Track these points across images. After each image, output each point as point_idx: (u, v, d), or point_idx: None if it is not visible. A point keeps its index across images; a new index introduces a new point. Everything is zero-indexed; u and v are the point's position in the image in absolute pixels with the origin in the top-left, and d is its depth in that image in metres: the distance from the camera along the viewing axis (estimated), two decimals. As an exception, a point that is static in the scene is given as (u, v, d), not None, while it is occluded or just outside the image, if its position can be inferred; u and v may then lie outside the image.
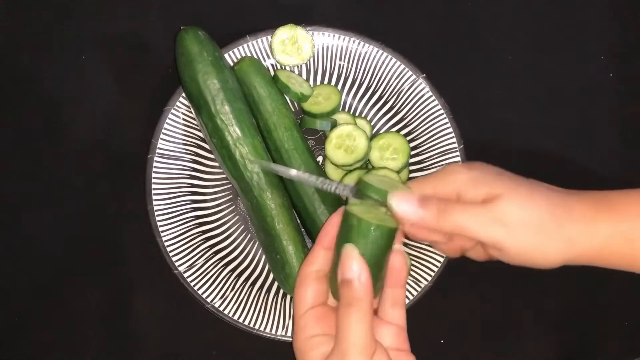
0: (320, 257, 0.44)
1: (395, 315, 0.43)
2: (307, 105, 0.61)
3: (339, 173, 0.61)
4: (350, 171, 0.60)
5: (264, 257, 0.61)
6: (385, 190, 0.42)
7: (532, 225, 0.41)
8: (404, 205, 0.42)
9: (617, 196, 0.43)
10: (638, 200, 0.42)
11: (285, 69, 0.62)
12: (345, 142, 0.59)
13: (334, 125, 0.61)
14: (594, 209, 0.41)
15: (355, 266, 0.40)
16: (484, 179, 0.42)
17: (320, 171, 0.60)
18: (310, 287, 0.43)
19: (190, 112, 0.60)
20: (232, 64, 0.61)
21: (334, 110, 0.61)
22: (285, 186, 0.59)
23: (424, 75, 0.61)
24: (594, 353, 0.62)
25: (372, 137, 0.62)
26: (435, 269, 0.58)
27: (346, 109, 0.63)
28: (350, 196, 0.45)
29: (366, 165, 0.61)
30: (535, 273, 0.61)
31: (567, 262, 0.42)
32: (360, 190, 0.43)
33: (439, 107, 0.60)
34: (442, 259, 0.58)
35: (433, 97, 0.61)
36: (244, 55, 0.61)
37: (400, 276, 0.43)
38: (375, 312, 0.43)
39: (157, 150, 0.59)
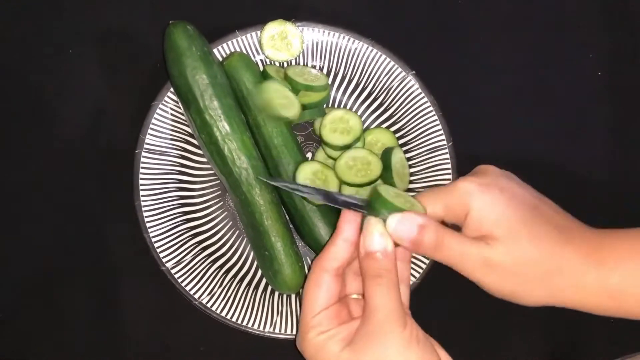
0: (341, 251, 0.42)
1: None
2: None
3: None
4: (361, 186, 0.58)
5: (252, 253, 0.61)
6: (396, 205, 0.41)
7: (520, 275, 0.40)
8: (402, 229, 0.40)
9: (611, 241, 0.42)
10: (631, 245, 0.41)
11: (274, 64, 0.62)
12: (339, 126, 0.59)
13: (323, 114, 0.60)
14: (584, 257, 0.41)
15: (382, 238, 0.40)
16: (492, 213, 0.41)
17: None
18: (327, 287, 0.42)
19: (179, 108, 0.60)
20: (221, 59, 0.60)
21: (323, 101, 0.61)
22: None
23: (414, 72, 0.61)
24: (582, 351, 0.63)
25: (361, 134, 0.62)
26: (424, 266, 0.58)
27: (335, 105, 0.63)
28: (358, 209, 0.43)
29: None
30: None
31: (550, 305, 0.42)
32: (372, 202, 0.42)
33: (429, 104, 0.61)
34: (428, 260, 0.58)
35: (422, 94, 0.61)
36: (233, 50, 0.61)
37: (406, 252, 0.44)
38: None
39: (145, 146, 0.58)
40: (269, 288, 0.60)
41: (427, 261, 0.58)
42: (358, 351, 0.39)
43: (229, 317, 0.57)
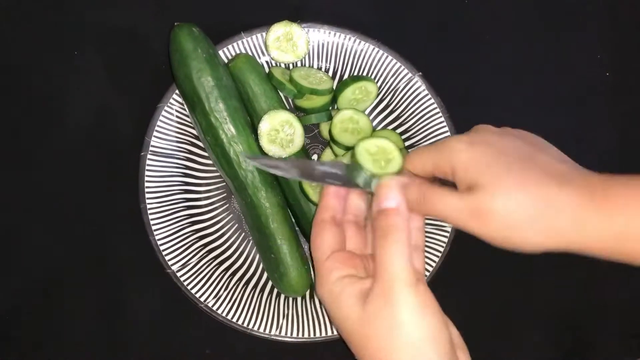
0: (331, 203, 0.45)
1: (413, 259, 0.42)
2: (299, 102, 0.61)
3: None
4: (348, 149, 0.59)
5: (257, 256, 0.60)
6: (374, 173, 0.44)
7: (511, 220, 0.39)
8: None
9: (617, 183, 0.40)
10: (638, 188, 0.39)
11: (280, 65, 0.62)
12: (349, 126, 0.58)
13: (330, 117, 0.60)
14: (586, 198, 0.39)
15: (394, 195, 0.42)
16: (477, 164, 0.41)
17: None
18: (330, 231, 0.44)
19: (184, 110, 0.59)
20: (226, 60, 0.60)
21: (326, 106, 0.61)
22: (280, 185, 0.58)
23: (420, 73, 0.60)
24: (591, 352, 0.62)
25: (367, 136, 0.61)
26: (431, 269, 0.58)
27: (341, 107, 0.63)
28: (342, 174, 0.46)
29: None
30: (533, 273, 0.61)
31: (552, 250, 0.41)
32: (352, 168, 0.45)
33: (435, 105, 0.60)
34: (437, 258, 0.58)
35: (429, 96, 0.60)
36: (238, 52, 0.61)
37: (420, 218, 0.44)
38: None
39: (150, 148, 0.58)
40: (275, 291, 0.59)
41: (436, 259, 0.58)
42: (370, 312, 0.39)
43: (234, 320, 0.57)
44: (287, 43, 0.61)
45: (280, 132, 0.57)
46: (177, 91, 0.59)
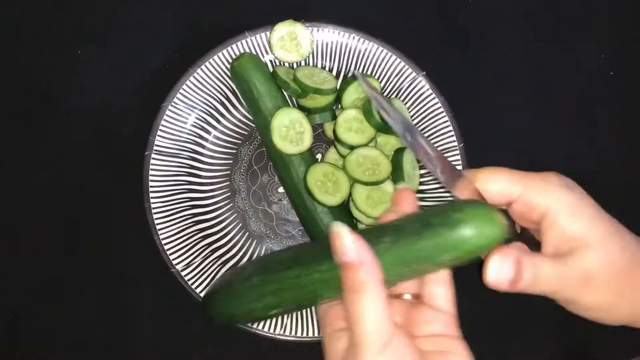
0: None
1: (439, 295, 0.39)
2: (303, 101, 0.61)
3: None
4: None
5: (262, 255, 0.60)
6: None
7: (617, 286, 0.36)
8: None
9: None
10: None
11: (284, 65, 0.62)
12: (353, 125, 0.58)
13: (334, 116, 0.60)
14: None
15: (350, 246, 0.35)
16: (583, 214, 0.36)
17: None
18: None
19: (188, 109, 0.59)
20: (230, 60, 0.60)
21: (330, 105, 0.61)
22: (286, 186, 0.59)
23: (424, 72, 0.60)
24: (591, 353, 0.62)
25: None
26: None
27: (345, 106, 0.63)
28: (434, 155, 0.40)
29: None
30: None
31: (631, 325, 0.38)
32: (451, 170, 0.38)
33: (439, 105, 0.60)
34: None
35: (433, 95, 0.60)
36: (242, 51, 0.61)
37: None
38: (417, 296, 0.40)
39: (155, 147, 0.58)
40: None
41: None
42: None
43: (239, 319, 0.57)
44: (290, 42, 0.61)
45: (290, 129, 0.57)
46: (181, 90, 0.59)
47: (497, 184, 0.38)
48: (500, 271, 0.35)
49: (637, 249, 0.37)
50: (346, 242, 0.35)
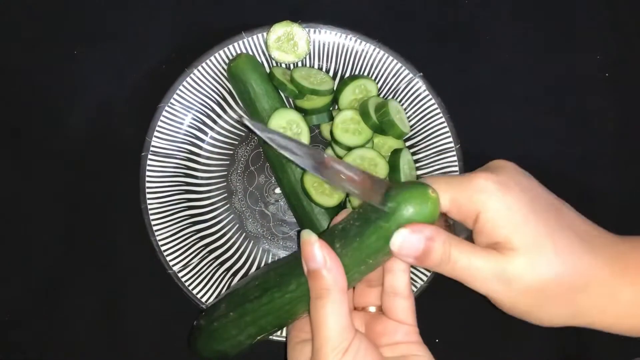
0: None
1: (400, 308, 0.40)
2: (300, 102, 0.61)
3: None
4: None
5: (259, 256, 0.60)
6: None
7: (540, 292, 0.36)
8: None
9: (634, 254, 0.37)
10: None
11: (281, 65, 0.62)
12: (350, 126, 0.59)
13: (331, 117, 0.60)
14: (615, 273, 0.36)
15: (318, 253, 0.36)
16: (512, 216, 0.36)
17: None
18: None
19: (185, 109, 0.59)
20: (227, 60, 0.60)
21: (327, 106, 0.61)
22: (282, 186, 0.59)
23: (421, 74, 0.60)
24: (591, 353, 0.62)
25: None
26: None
27: (342, 107, 0.63)
28: (358, 180, 0.39)
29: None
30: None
31: (569, 325, 0.38)
32: (375, 182, 0.38)
33: (436, 106, 0.60)
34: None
35: (430, 96, 0.60)
36: (239, 52, 0.61)
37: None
38: (381, 308, 0.42)
39: (151, 148, 0.58)
40: (276, 291, 0.59)
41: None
42: None
43: (236, 320, 0.57)
44: (287, 43, 0.61)
45: (288, 130, 0.57)
46: (177, 91, 0.58)
47: None
48: (405, 243, 0.36)
49: (575, 249, 0.36)
50: (315, 248, 0.36)
